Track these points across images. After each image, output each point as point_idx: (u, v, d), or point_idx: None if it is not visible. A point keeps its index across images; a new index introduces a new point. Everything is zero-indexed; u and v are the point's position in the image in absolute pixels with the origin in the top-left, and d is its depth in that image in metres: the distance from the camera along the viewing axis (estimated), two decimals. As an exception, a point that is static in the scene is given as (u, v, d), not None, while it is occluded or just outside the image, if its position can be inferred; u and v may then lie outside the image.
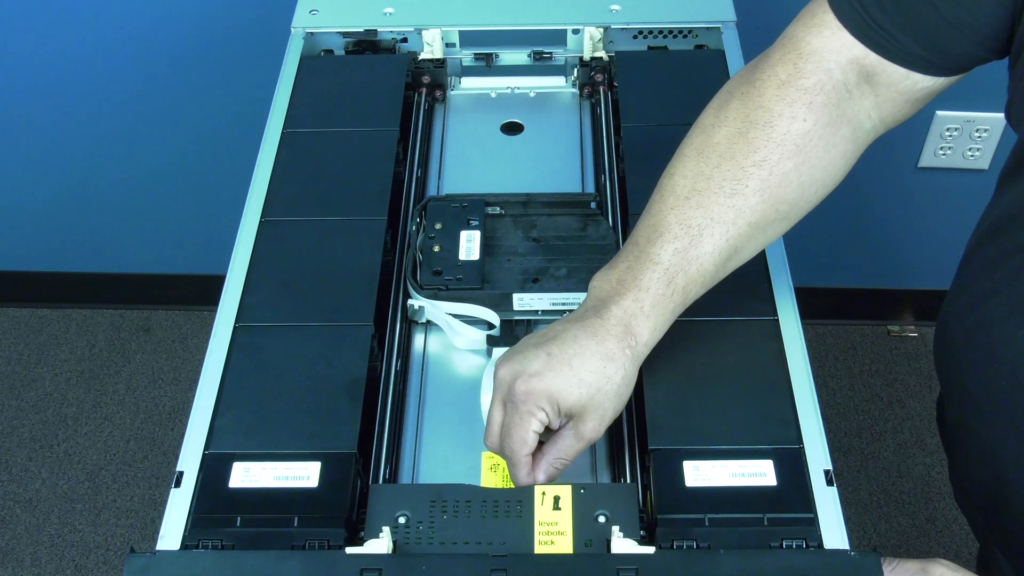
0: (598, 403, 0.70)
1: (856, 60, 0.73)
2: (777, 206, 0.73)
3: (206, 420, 0.75)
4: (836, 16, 0.73)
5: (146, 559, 0.66)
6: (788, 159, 0.72)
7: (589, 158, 1.03)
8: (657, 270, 0.71)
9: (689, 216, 0.72)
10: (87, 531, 1.75)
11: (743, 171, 0.72)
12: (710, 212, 0.72)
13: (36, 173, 1.86)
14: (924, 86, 0.73)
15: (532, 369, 0.69)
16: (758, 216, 0.73)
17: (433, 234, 0.89)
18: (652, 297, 0.71)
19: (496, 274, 0.87)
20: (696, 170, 0.74)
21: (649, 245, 0.72)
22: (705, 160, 0.74)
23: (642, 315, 0.71)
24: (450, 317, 0.86)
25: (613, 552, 0.66)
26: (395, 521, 0.69)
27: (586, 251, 0.88)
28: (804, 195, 0.75)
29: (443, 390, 0.85)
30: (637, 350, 0.71)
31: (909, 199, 1.79)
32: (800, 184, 0.74)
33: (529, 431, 0.69)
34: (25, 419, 1.91)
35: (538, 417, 0.69)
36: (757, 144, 0.72)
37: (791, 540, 0.68)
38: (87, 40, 1.63)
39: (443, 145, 1.06)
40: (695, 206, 0.72)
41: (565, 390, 0.69)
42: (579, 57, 1.10)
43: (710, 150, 0.74)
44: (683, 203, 0.73)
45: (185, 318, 2.06)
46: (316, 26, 1.10)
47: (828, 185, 0.76)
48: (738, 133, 0.73)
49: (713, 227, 0.72)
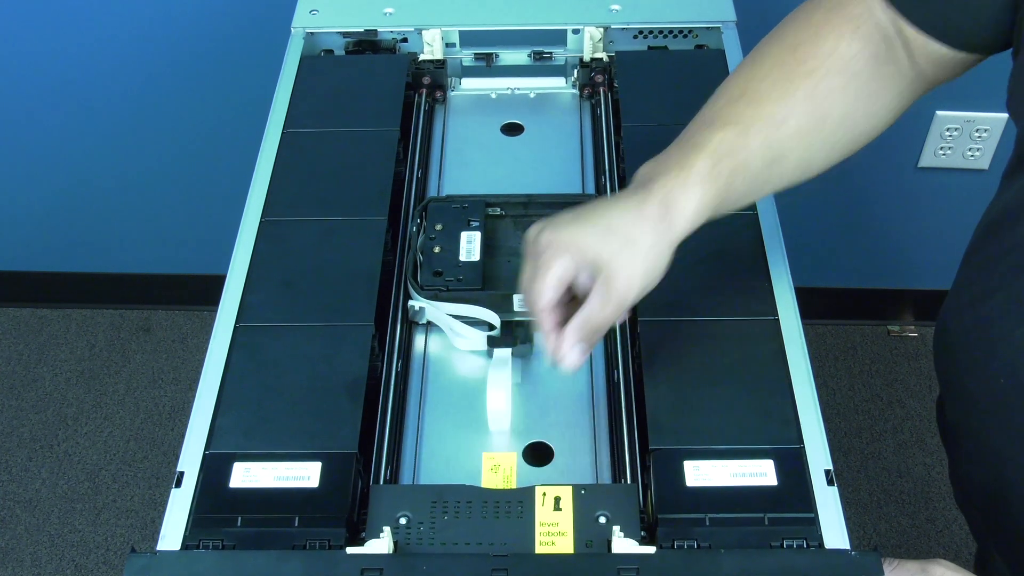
0: (626, 260, 0.68)
1: (888, 14, 0.75)
2: (824, 120, 0.74)
3: (206, 420, 0.75)
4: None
5: (147, 559, 0.66)
6: (835, 76, 0.74)
7: (589, 159, 1.03)
8: (703, 152, 0.70)
9: (739, 111, 0.73)
10: (87, 531, 1.76)
11: (792, 81, 0.74)
12: (760, 110, 0.73)
13: (36, 173, 1.86)
14: (941, 56, 0.75)
15: (559, 221, 0.70)
16: (804, 122, 0.74)
17: (433, 235, 0.89)
18: (696, 175, 0.69)
19: (496, 275, 0.87)
20: (748, 75, 0.76)
21: (697, 134, 0.73)
22: (756, 68, 0.76)
23: (683, 191, 0.69)
24: (451, 318, 0.86)
25: (614, 552, 0.66)
26: (396, 521, 0.69)
27: None
28: (849, 120, 0.75)
29: (444, 391, 0.85)
30: (674, 225, 0.69)
31: (909, 199, 1.79)
32: (845, 105, 0.75)
33: (547, 279, 0.68)
34: (25, 419, 1.91)
35: (559, 263, 0.68)
36: (805, 57, 0.74)
37: (792, 540, 0.68)
38: (87, 40, 1.63)
39: (443, 146, 1.06)
40: (745, 104, 0.74)
41: (589, 238, 0.68)
42: (579, 58, 1.10)
43: (761, 60, 0.76)
44: (733, 102, 0.74)
45: (185, 318, 2.06)
46: (316, 26, 1.10)
47: (873, 123, 0.77)
48: (788, 48, 0.75)
49: (761, 124, 0.73)
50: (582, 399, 0.83)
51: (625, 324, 0.85)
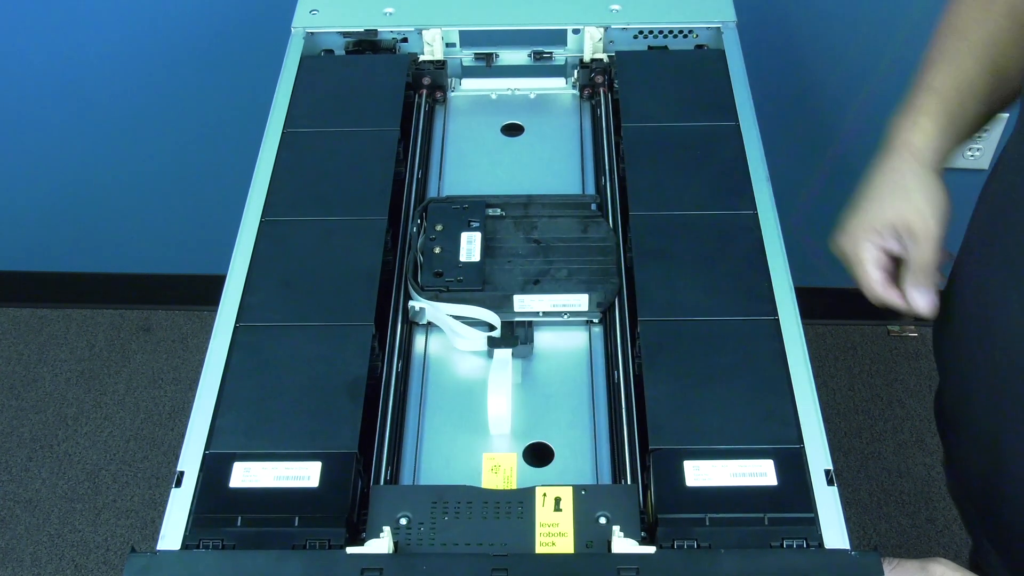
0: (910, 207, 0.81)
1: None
2: None
3: (206, 420, 0.75)
4: None
5: (147, 559, 0.66)
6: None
7: (590, 159, 1.04)
8: (922, 90, 0.83)
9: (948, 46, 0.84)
10: (87, 531, 1.76)
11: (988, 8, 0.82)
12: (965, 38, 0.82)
13: (37, 173, 1.86)
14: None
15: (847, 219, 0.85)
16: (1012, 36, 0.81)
17: (434, 235, 0.89)
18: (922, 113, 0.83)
19: (497, 275, 0.87)
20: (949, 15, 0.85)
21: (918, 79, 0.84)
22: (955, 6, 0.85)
23: (913, 130, 0.83)
24: (451, 318, 0.86)
25: (614, 552, 0.66)
26: (396, 522, 0.69)
27: (586, 252, 0.88)
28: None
29: (444, 391, 0.85)
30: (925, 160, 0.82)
31: (909, 199, 1.79)
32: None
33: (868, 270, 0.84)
34: (25, 419, 1.91)
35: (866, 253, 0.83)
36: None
37: (792, 540, 0.68)
38: (88, 40, 1.63)
39: (443, 146, 1.06)
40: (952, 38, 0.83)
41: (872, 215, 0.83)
42: (579, 58, 1.10)
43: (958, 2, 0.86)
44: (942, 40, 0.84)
45: (185, 318, 2.06)
46: (316, 26, 1.10)
47: None
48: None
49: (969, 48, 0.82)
50: (582, 399, 0.83)
51: (626, 324, 0.85)
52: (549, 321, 0.88)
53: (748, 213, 0.89)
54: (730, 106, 0.99)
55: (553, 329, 0.88)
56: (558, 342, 0.88)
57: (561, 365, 0.86)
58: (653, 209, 0.90)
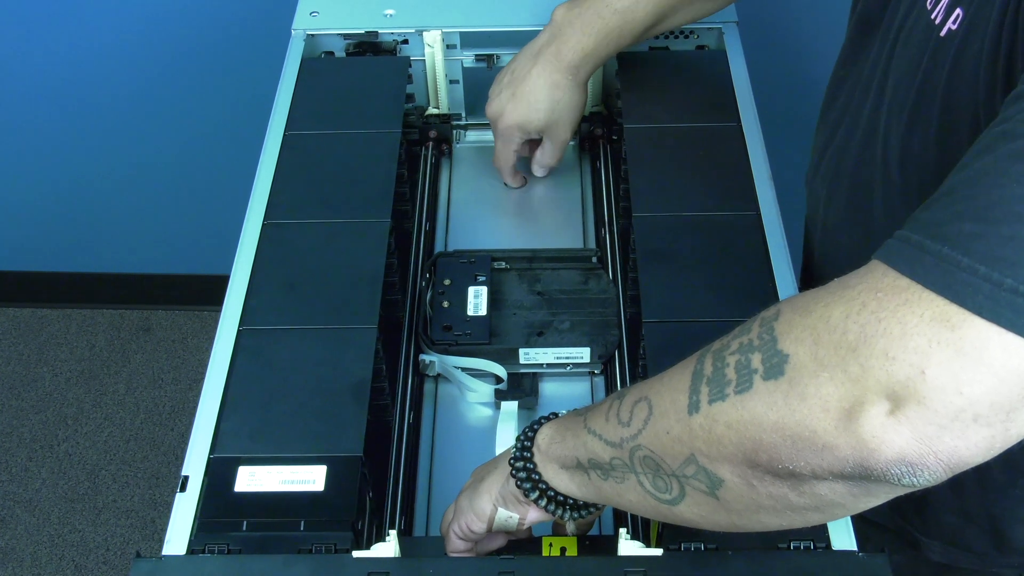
0: (556, 117, 1.00)
1: None
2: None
3: (211, 424, 0.75)
4: None
5: (152, 564, 0.66)
6: None
7: (591, 211, 1.06)
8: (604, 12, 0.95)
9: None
10: (87, 531, 1.76)
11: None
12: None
13: (36, 173, 1.86)
14: None
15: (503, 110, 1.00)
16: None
17: (442, 289, 0.93)
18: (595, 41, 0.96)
19: (503, 327, 0.90)
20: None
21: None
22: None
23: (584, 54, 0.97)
24: (459, 371, 0.89)
25: (620, 554, 0.66)
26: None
27: (588, 304, 0.92)
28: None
29: (453, 441, 0.87)
30: (579, 76, 0.98)
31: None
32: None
33: (510, 151, 1.03)
34: (25, 419, 1.91)
35: (514, 140, 1.02)
36: None
37: (799, 541, 0.68)
38: (88, 41, 1.63)
39: (449, 198, 1.09)
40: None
41: (527, 117, 0.99)
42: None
43: None
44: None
45: (185, 318, 2.06)
46: (317, 28, 1.10)
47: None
48: None
49: None
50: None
51: (626, 374, 0.87)
52: (553, 372, 0.90)
53: (751, 214, 0.89)
54: (732, 106, 1.00)
55: (557, 380, 0.91)
56: (562, 392, 0.90)
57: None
58: (656, 211, 0.90)
